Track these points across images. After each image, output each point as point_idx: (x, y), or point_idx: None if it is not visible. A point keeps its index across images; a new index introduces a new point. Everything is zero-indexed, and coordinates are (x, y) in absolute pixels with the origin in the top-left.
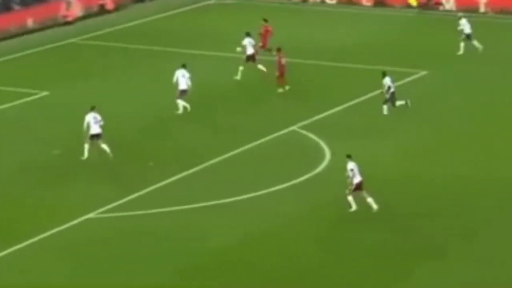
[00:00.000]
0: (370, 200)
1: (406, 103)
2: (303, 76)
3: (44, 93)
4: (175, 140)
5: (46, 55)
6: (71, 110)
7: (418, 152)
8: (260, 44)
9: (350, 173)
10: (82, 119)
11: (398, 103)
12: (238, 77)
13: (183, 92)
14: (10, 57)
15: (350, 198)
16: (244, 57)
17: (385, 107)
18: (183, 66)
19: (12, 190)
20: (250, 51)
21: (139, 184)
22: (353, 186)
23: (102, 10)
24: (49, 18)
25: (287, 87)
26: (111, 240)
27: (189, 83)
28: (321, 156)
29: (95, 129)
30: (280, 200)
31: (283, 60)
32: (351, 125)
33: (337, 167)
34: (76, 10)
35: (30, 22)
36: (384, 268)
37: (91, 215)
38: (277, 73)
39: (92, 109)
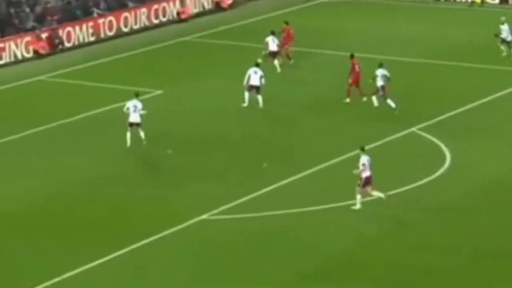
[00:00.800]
0: (375, 192)
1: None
2: (423, 76)
3: (158, 92)
4: (288, 141)
5: (160, 53)
6: (185, 109)
7: None
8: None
9: (362, 167)
10: (197, 118)
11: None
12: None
13: (253, 87)
14: (124, 55)
15: (358, 196)
16: (266, 52)
17: (373, 98)
18: (257, 65)
19: (125, 189)
20: (273, 47)
21: (252, 185)
22: (363, 181)
23: (217, 8)
24: (164, 15)
25: (364, 99)
26: (225, 242)
27: (263, 81)
28: (442, 159)
29: (133, 117)
30: (396, 204)
31: (357, 67)
32: (472, 126)
33: (458, 171)
34: (191, 8)
35: (144, 19)
36: (503, 275)
37: (204, 216)
38: (349, 81)
39: (136, 96)
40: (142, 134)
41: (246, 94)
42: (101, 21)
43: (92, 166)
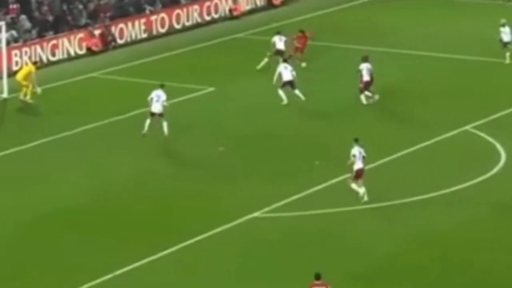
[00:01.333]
0: (362, 190)
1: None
2: (478, 74)
3: (210, 89)
4: (340, 139)
5: (212, 50)
6: (237, 106)
7: None
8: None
9: (352, 159)
10: (248, 115)
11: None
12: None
13: (287, 82)
14: (176, 52)
15: (353, 185)
16: (273, 52)
17: (362, 96)
18: (285, 60)
19: (174, 187)
20: (280, 46)
21: (304, 183)
22: (354, 174)
23: (269, 5)
24: (216, 12)
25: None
26: (275, 241)
27: (294, 74)
28: (496, 158)
29: (155, 107)
30: (449, 203)
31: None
32: None
33: None
34: (243, 5)
35: (196, 16)
36: None
37: (256, 214)
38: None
39: (161, 86)
40: (165, 125)
41: (281, 92)
42: (153, 18)
43: (142, 163)
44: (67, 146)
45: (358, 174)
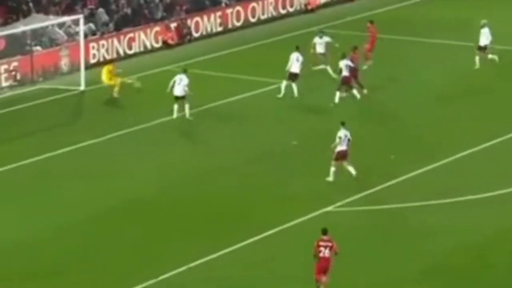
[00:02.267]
0: (350, 168)
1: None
2: None
3: (284, 83)
4: (416, 133)
5: (287, 43)
6: (310, 101)
7: None
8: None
9: (337, 140)
10: (320, 110)
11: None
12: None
13: (293, 75)
14: (251, 45)
15: (332, 169)
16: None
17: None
18: (297, 49)
19: (249, 180)
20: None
21: (379, 177)
22: (335, 155)
23: None
24: (291, 6)
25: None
26: (348, 235)
27: (301, 67)
28: None
29: (177, 90)
30: None
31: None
32: None
33: None
34: None
35: (271, 10)
36: None
37: (329, 208)
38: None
39: (185, 71)
40: (187, 107)
41: (284, 84)
42: (229, 11)
43: (214, 156)
44: (142, 139)
45: (339, 156)
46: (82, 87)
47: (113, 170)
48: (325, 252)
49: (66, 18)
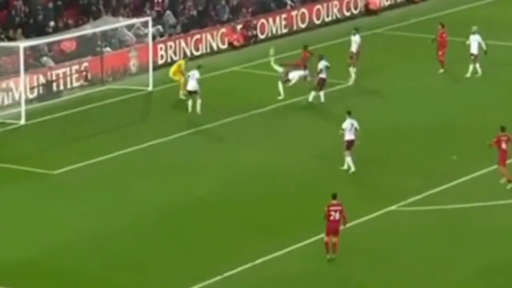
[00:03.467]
0: (349, 159)
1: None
2: None
3: (349, 84)
4: (479, 133)
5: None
6: (377, 100)
7: None
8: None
9: (340, 132)
10: (388, 108)
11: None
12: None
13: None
14: (315, 47)
15: (348, 159)
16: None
17: (321, 93)
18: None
19: (312, 178)
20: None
21: (441, 178)
22: (344, 144)
23: (409, 1)
24: (355, 8)
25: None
26: (410, 235)
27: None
28: None
29: (190, 85)
30: None
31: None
32: None
33: None
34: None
35: (336, 12)
36: None
37: (393, 207)
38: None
39: (198, 67)
40: (198, 102)
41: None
42: (294, 13)
43: (278, 155)
44: (208, 138)
45: (348, 145)
46: (150, 88)
47: (181, 169)
48: (335, 216)
49: (135, 20)
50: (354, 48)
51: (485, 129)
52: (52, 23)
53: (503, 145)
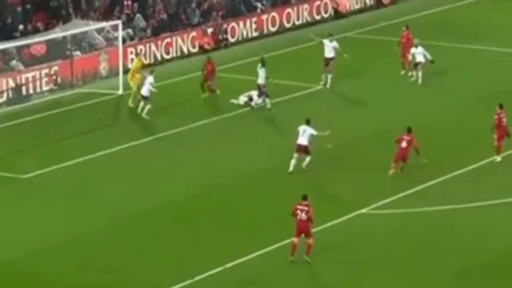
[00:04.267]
0: (305, 163)
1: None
2: None
3: (318, 87)
4: (449, 136)
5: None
6: (345, 104)
7: None
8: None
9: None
10: (356, 114)
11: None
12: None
13: None
14: (286, 50)
15: (293, 161)
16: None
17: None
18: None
19: (287, 181)
20: (330, 54)
21: (412, 180)
22: (295, 146)
23: (379, 4)
24: (325, 11)
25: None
26: (383, 238)
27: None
28: None
29: (143, 90)
30: None
31: None
32: None
33: None
34: (346, 2)
35: (306, 15)
36: None
37: (363, 210)
38: None
39: (151, 72)
40: (147, 107)
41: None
42: (264, 17)
43: (252, 158)
44: (179, 142)
45: (300, 149)
46: (120, 91)
47: (150, 172)
48: (301, 215)
49: (105, 24)
50: (331, 54)
51: (457, 131)
52: (21, 27)
53: (403, 144)
